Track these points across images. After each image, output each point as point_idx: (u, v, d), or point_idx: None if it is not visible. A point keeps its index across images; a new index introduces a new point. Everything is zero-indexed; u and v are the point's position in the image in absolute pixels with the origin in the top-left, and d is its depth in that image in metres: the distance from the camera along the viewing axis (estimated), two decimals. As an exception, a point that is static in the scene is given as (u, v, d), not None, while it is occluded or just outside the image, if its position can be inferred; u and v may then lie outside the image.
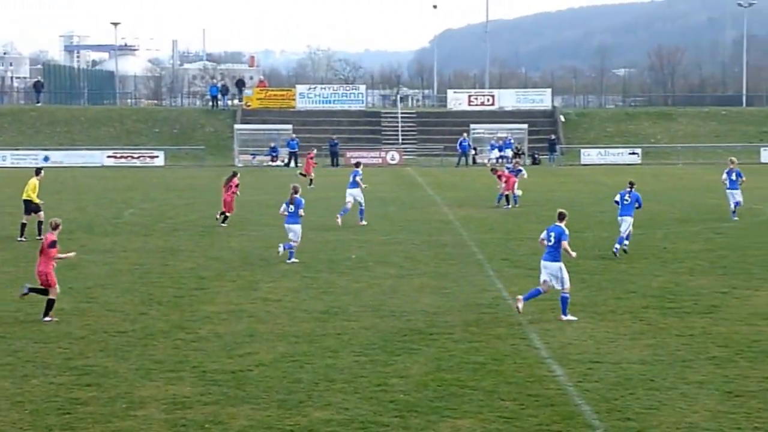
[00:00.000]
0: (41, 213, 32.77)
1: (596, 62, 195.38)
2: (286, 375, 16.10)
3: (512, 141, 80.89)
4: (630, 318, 20.18)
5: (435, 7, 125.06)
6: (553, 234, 20.18)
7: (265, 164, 78.15)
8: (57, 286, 20.38)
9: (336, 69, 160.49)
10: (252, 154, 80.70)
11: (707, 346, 17.76)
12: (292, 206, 28.00)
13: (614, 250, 28.73)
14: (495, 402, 14.58)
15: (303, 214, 28.20)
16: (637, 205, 29.52)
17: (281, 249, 27.86)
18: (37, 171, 34.17)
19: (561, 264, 20.22)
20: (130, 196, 50.81)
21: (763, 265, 26.79)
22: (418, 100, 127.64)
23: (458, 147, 79.78)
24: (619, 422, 13.65)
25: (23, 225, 32.76)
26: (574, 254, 20.66)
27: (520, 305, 20.11)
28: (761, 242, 31.29)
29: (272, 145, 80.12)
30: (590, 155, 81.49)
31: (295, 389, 15.30)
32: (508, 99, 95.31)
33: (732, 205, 37.67)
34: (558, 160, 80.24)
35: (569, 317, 20.12)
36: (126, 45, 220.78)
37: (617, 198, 29.94)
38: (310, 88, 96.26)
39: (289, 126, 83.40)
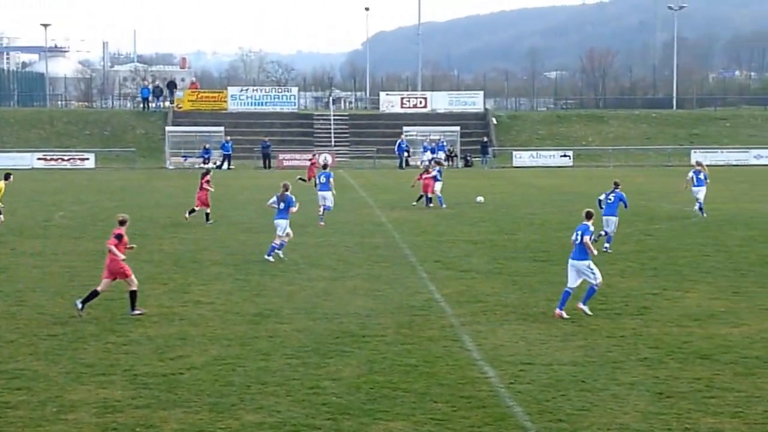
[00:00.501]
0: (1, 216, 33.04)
1: (528, 65, 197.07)
2: (218, 378, 16.01)
3: (445, 143, 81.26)
4: (562, 320, 20.32)
5: (367, 9, 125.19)
6: (579, 232, 20.75)
7: (197, 166, 77.64)
8: (133, 275, 20.88)
9: (268, 71, 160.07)
10: (183, 157, 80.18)
11: (638, 348, 17.95)
12: (282, 203, 28.53)
13: (605, 249, 29.76)
14: (427, 404, 14.61)
15: (294, 211, 28.70)
16: (623, 205, 30.99)
17: (270, 258, 28.12)
18: (6, 176, 35.01)
19: (589, 261, 20.71)
20: (60, 198, 50.25)
21: (693, 266, 27.16)
22: (350, 103, 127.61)
23: (396, 150, 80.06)
24: (550, 423, 13.74)
25: None
26: (595, 252, 21.12)
27: (563, 313, 20.35)
28: (691, 244, 31.72)
29: (206, 146, 79.66)
30: (522, 157, 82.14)
31: (227, 392, 15.22)
32: (440, 101, 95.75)
33: (697, 204, 39.38)
34: (490, 162, 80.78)
35: (585, 308, 20.60)
36: (56, 46, 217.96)
37: (601, 197, 31.29)
38: (242, 90, 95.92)
39: (221, 128, 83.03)
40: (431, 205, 44.01)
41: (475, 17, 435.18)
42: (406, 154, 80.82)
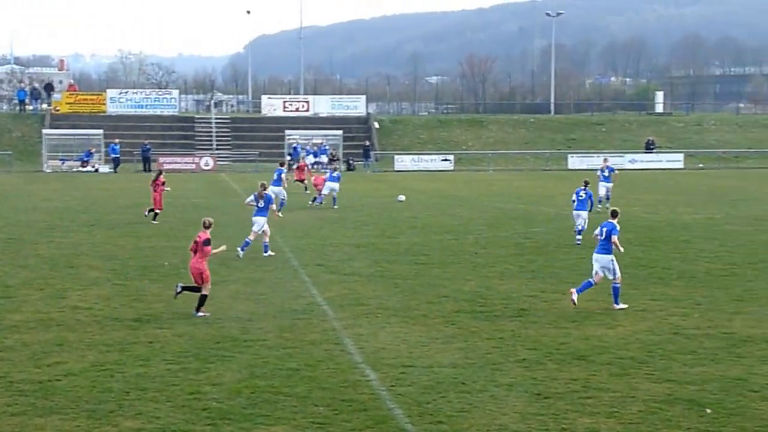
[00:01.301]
0: None
1: (410, 69, 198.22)
2: (96, 384, 15.74)
3: (327, 147, 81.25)
4: (442, 322, 20.49)
5: (249, 12, 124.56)
6: (605, 229, 21.91)
7: (74, 170, 76.24)
8: (210, 281, 21.33)
9: (148, 73, 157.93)
10: (61, 160, 78.59)
11: (516, 349, 18.18)
12: (261, 201, 29.67)
13: (576, 242, 32.82)
14: (308, 408, 14.59)
15: (274, 208, 30.34)
16: (590, 202, 34.28)
17: (240, 253, 29.04)
18: None
19: (612, 257, 21.87)
20: (-70, 202, 48.82)
21: (571, 269, 27.63)
22: (232, 106, 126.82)
23: (292, 154, 79.84)
24: (431, 426, 13.84)
25: None
26: (621, 249, 22.28)
27: (575, 297, 21.60)
28: (568, 247, 32.26)
29: (91, 150, 78.20)
30: (404, 161, 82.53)
31: (105, 399, 14.97)
32: (322, 105, 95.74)
33: (602, 197, 44.16)
34: (372, 166, 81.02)
35: (621, 305, 21.81)
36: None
37: (573, 197, 34.29)
38: (121, 93, 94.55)
39: (100, 131, 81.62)
40: (316, 203, 45.41)
41: (357, 22, 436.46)
42: (288, 157, 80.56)
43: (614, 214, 22.59)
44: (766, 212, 43.38)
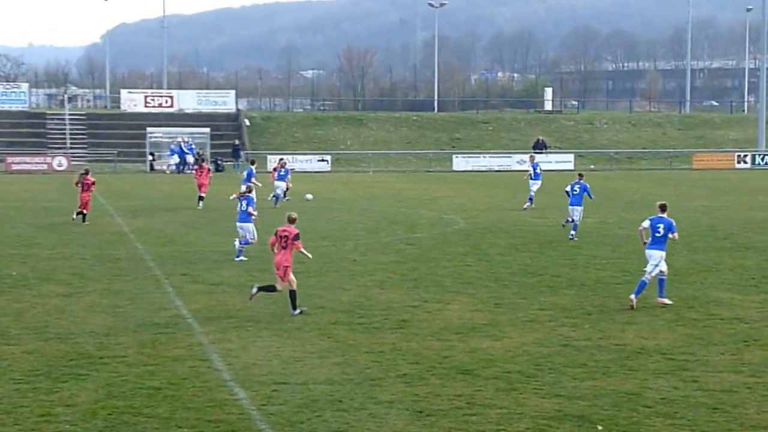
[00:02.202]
0: None
1: (283, 63, 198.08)
2: (-66, 409, 15.35)
3: (193, 146, 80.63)
4: (318, 335, 20.49)
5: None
6: (662, 225, 23.36)
7: None
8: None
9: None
10: None
11: (397, 363, 18.27)
12: (244, 203, 31.16)
13: (570, 237, 35.49)
14: (171, 430, 14.44)
15: (253, 212, 31.17)
16: (587, 195, 36.52)
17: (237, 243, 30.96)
18: None
19: (664, 253, 23.51)
20: None
21: (455, 277, 27.87)
22: (88, 101, 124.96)
23: (169, 153, 79.09)
24: (305, 447, 13.81)
25: None
26: (677, 236, 23.98)
27: (634, 302, 23.05)
28: (452, 253, 32.53)
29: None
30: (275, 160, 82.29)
31: (-55, 425, 14.62)
32: (188, 101, 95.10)
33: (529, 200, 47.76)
34: (243, 166, 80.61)
35: (666, 300, 23.50)
36: None
37: (567, 189, 36.64)
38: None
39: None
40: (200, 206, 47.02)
41: (225, 10, 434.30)
42: (150, 157, 79.73)
43: (664, 208, 23.75)
44: (660, 216, 44.43)
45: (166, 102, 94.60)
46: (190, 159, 78.60)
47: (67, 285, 26.30)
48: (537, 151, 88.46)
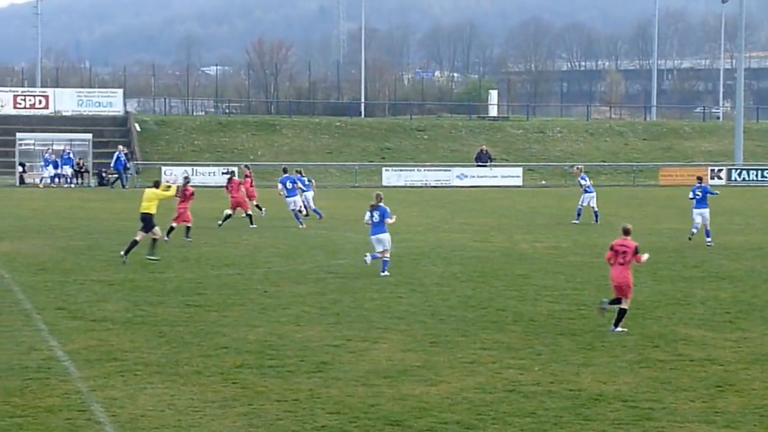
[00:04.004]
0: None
1: (181, 57, 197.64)
2: None
3: (72, 155, 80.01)
4: (221, 380, 20.40)
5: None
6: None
7: None
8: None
9: None
10: None
11: (315, 413, 18.23)
12: (376, 213, 33.89)
13: (707, 243, 41.36)
14: (45, 494, 14.29)
15: (391, 221, 34.12)
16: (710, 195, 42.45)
17: (368, 258, 34.18)
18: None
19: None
20: None
21: (384, 311, 27.88)
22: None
23: (113, 165, 78.42)
24: None
25: None
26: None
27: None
28: (381, 283, 32.53)
29: None
30: (174, 174, 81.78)
31: None
32: (67, 101, 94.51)
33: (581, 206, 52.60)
34: (132, 180, 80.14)
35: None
36: None
37: (690, 195, 42.55)
38: None
39: None
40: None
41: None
42: (20, 168, 79.02)
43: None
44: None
45: (40, 102, 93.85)
46: (67, 171, 78.06)
47: None
48: (480, 163, 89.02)
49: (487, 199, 70.52)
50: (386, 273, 33.90)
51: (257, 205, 52.79)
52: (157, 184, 39.20)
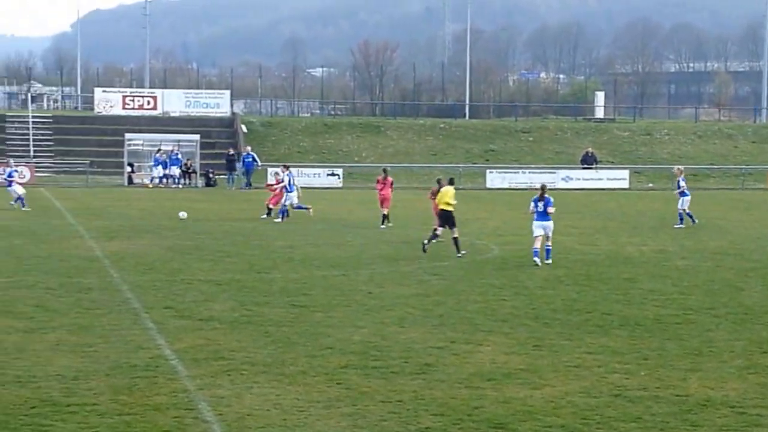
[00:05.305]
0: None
1: (287, 59, 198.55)
2: None
3: (180, 156, 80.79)
4: (325, 380, 20.48)
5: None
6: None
7: None
8: None
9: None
10: None
11: (418, 415, 18.25)
12: (541, 203, 37.04)
13: None
14: (152, 491, 14.48)
15: (552, 211, 37.33)
16: None
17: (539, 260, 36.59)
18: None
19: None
20: None
21: (487, 313, 27.82)
22: (56, 101, 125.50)
23: (242, 163, 79.26)
24: None
25: None
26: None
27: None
28: (485, 286, 32.47)
29: None
30: (280, 176, 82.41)
31: None
32: (174, 102, 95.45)
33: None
34: (238, 181, 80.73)
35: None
36: None
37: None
38: None
39: None
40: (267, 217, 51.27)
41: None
42: (129, 168, 79.87)
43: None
44: (730, 244, 44.30)
45: (149, 103, 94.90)
46: (175, 171, 78.82)
47: (28, 319, 26.36)
48: (586, 166, 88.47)
49: (592, 201, 70.06)
50: (550, 261, 36.98)
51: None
52: (452, 182, 41.87)
